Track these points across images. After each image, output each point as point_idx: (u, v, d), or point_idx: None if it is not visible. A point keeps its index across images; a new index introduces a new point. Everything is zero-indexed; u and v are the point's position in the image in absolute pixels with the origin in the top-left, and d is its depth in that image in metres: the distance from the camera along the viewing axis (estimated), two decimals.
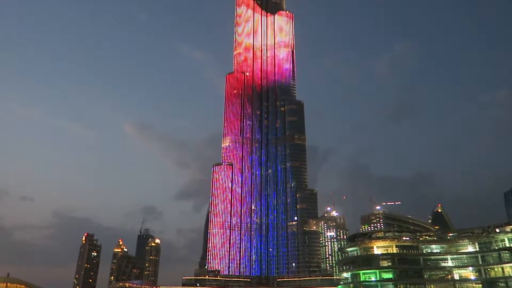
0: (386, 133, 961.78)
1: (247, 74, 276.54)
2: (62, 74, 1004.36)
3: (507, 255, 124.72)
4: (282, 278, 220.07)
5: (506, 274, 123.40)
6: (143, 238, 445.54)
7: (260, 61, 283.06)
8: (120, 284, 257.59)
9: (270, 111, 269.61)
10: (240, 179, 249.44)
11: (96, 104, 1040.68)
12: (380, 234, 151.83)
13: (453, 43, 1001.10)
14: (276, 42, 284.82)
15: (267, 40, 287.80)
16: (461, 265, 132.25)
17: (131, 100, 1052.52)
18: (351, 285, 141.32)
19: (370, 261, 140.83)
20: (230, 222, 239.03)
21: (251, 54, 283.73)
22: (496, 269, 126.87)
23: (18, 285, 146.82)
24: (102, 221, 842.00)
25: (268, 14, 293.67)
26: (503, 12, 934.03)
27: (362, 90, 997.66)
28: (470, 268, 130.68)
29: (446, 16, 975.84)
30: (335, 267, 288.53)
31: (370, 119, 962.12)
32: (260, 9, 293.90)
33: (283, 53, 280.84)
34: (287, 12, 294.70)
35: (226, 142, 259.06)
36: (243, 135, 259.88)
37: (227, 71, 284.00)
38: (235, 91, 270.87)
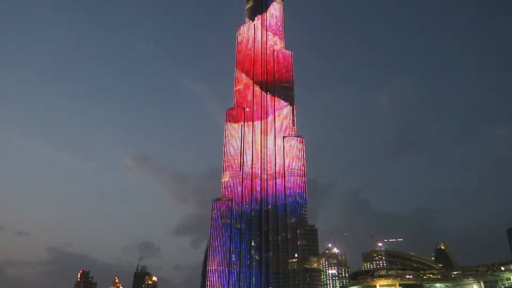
0: (386, 167, 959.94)
1: (247, 109, 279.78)
2: (61, 105, 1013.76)
3: None
4: None
5: None
6: (140, 276, 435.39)
7: (260, 100, 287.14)
8: None
9: (269, 146, 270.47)
10: (239, 214, 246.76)
11: (96, 136, 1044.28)
12: (383, 272, 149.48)
13: (453, 79, 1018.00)
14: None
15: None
16: None
17: (131, 132, 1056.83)
18: None
19: None
20: (229, 259, 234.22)
21: (251, 91, 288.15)
22: None
23: None
24: (98, 256, 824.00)
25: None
26: (504, 47, 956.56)
27: (362, 124, 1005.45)
28: None
29: (447, 51, 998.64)
30: None
31: (371, 153, 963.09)
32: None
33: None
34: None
35: (226, 177, 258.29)
36: (242, 170, 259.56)
37: (227, 105, 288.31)
38: (235, 126, 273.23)
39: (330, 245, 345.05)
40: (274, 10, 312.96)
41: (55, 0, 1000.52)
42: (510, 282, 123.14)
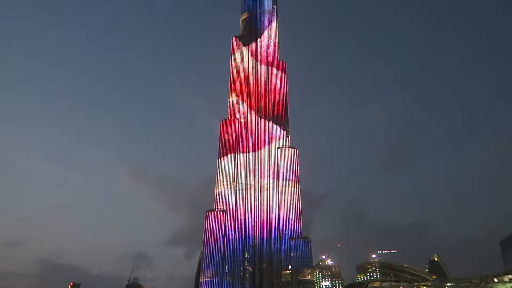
0: (382, 178, 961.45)
1: (242, 120, 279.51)
2: (54, 117, 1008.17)
3: None
4: None
5: None
6: None
7: (254, 107, 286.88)
8: None
9: (263, 157, 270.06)
10: (233, 226, 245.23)
11: (88, 146, 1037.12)
12: (377, 284, 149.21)
13: (453, 87, 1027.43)
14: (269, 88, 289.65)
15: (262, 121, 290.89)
16: None
17: (124, 143, 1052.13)
18: None
19: None
20: (223, 271, 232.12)
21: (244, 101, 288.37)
22: None
23: None
24: (90, 268, 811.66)
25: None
26: (502, 56, 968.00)
27: (358, 135, 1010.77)
28: None
29: (447, 51, 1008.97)
30: None
31: (366, 164, 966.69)
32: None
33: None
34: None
35: (219, 188, 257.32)
36: (236, 181, 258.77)
37: (221, 116, 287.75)
38: (228, 137, 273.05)
39: (324, 256, 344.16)
40: (269, 22, 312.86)
41: (50, 16, 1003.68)
42: None
